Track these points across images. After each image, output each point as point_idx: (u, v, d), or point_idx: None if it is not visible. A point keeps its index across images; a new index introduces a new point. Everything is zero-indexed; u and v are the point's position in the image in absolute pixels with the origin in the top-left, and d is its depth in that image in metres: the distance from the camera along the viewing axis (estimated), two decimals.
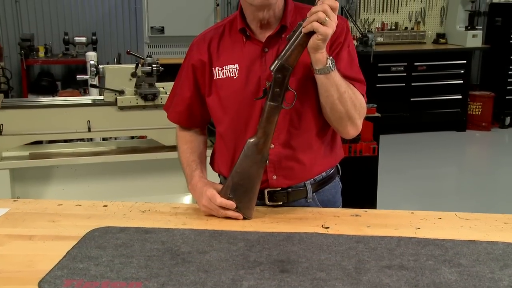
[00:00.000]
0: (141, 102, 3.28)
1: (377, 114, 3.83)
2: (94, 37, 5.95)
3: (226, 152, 1.73)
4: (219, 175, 1.83)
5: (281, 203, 1.70)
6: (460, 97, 6.70)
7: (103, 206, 1.69)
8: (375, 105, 3.81)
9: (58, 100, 3.57)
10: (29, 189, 3.29)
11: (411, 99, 6.58)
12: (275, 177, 1.67)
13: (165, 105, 1.89)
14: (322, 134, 1.69)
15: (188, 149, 1.80)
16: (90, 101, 3.39)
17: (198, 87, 1.75)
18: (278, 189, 1.69)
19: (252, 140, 1.57)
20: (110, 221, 1.56)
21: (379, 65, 6.36)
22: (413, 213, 1.63)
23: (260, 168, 1.59)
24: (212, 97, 1.71)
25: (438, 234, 1.46)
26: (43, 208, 1.66)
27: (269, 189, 1.68)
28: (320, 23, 1.43)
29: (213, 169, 1.83)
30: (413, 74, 6.53)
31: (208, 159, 1.85)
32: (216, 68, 1.69)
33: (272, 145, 1.62)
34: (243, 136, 1.63)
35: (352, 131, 1.62)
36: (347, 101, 1.55)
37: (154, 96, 3.28)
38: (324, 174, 1.74)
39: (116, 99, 3.27)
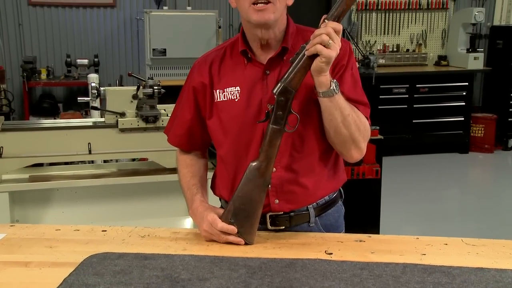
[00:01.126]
0: (142, 124, 3.26)
1: (379, 136, 3.80)
2: (96, 59, 5.97)
3: (227, 176, 1.70)
4: (220, 199, 1.80)
5: (284, 227, 1.66)
6: (463, 119, 6.68)
7: (102, 231, 1.66)
8: (377, 127, 3.79)
9: (58, 122, 3.55)
10: (28, 212, 3.25)
11: (413, 121, 6.56)
12: (277, 201, 1.64)
13: (165, 128, 1.87)
14: (325, 158, 1.66)
15: (189, 172, 1.77)
16: (91, 123, 3.37)
17: (199, 109, 1.73)
18: (280, 213, 1.66)
19: (254, 163, 1.54)
20: (109, 246, 1.53)
21: (381, 87, 6.35)
22: (418, 238, 1.59)
23: (262, 192, 1.56)
24: (213, 119, 1.69)
25: (445, 260, 1.43)
26: (40, 233, 1.63)
27: (271, 214, 1.65)
28: (324, 46, 1.41)
29: (214, 193, 1.80)
30: (415, 96, 6.52)
31: (210, 182, 1.82)
32: (217, 91, 1.67)
33: (274, 169, 1.59)
34: (245, 159, 1.61)
35: (356, 155, 1.60)
36: (351, 124, 1.52)
37: (155, 118, 3.26)
38: (327, 198, 1.71)
39: (117, 121, 3.25)
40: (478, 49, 6.87)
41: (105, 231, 1.66)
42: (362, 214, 3.69)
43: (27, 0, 6.10)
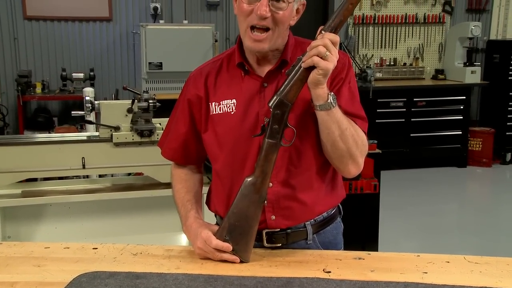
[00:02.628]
0: (137, 138, 3.22)
1: (377, 151, 3.76)
2: (92, 73, 5.94)
3: (223, 191, 1.66)
4: (215, 215, 1.75)
5: (280, 244, 1.62)
6: (460, 133, 6.66)
7: (93, 248, 1.61)
8: (375, 141, 3.75)
9: (52, 136, 3.51)
10: (20, 228, 3.20)
11: (411, 135, 6.54)
12: (273, 217, 1.59)
13: (159, 141, 1.83)
14: (323, 173, 1.62)
15: (183, 188, 1.73)
16: (85, 138, 3.32)
17: (194, 122, 1.69)
18: (277, 230, 1.61)
19: (249, 179, 1.50)
20: (100, 265, 1.48)
21: (379, 100, 6.34)
22: (419, 255, 1.55)
23: (258, 208, 1.51)
24: (208, 133, 1.65)
25: (447, 279, 1.38)
26: (28, 252, 1.58)
27: (267, 230, 1.61)
28: (321, 58, 1.38)
29: (209, 208, 1.76)
30: (412, 109, 6.51)
31: (205, 197, 1.77)
32: (213, 103, 1.63)
33: (271, 184, 1.55)
34: (240, 174, 1.57)
35: (353, 170, 1.55)
36: (349, 138, 1.48)
37: (151, 132, 3.22)
38: (325, 214, 1.67)
39: (111, 135, 3.21)
40: (475, 63, 6.87)
41: (96, 248, 1.60)
42: (361, 229, 3.64)
43: (23, 14, 6.08)
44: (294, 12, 1.55)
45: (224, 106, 1.61)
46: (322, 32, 1.43)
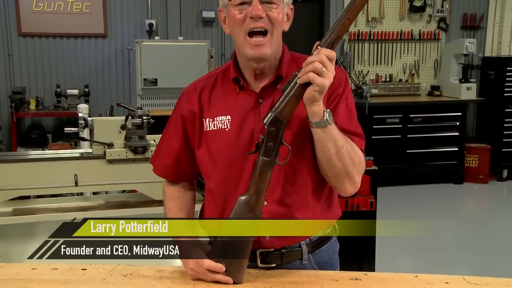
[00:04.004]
0: (130, 155, 3.18)
1: (374, 167, 3.73)
2: (86, 89, 5.91)
3: (216, 210, 1.62)
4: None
5: (275, 265, 1.58)
6: (457, 149, 6.65)
7: (82, 269, 1.56)
8: (372, 158, 3.72)
9: (44, 153, 3.46)
10: (11, 247, 3.14)
11: (407, 151, 6.52)
12: (268, 237, 1.55)
13: (151, 158, 1.79)
14: (319, 191, 1.58)
15: (175, 206, 1.69)
16: (78, 154, 3.28)
17: (187, 139, 1.65)
18: (271, 250, 1.57)
19: (243, 197, 1.46)
20: (88, 287, 1.44)
21: (374, 116, 6.32)
22: (417, 276, 1.51)
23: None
24: (201, 150, 1.62)
25: None
26: (14, 273, 1.53)
27: (261, 250, 1.57)
28: (317, 74, 1.35)
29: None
30: (408, 125, 6.49)
31: (198, 215, 1.74)
32: (207, 120, 1.60)
33: (265, 203, 1.51)
34: (234, 192, 1.53)
35: (350, 189, 1.52)
36: (345, 156, 1.45)
37: (144, 149, 3.19)
38: (320, 233, 1.62)
39: (104, 152, 3.17)
40: (470, 80, 6.88)
41: (85, 269, 1.56)
42: (357, 247, 3.59)
43: (18, 30, 6.06)
44: (285, 17, 1.53)
45: (218, 123, 1.58)
46: (318, 47, 1.41)
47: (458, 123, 6.62)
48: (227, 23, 1.55)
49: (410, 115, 6.48)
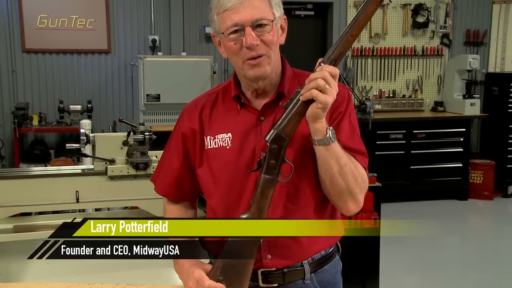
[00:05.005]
0: (132, 171, 3.17)
1: (377, 184, 3.70)
2: (89, 105, 5.92)
3: None
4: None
5: (276, 285, 1.55)
6: (461, 165, 6.61)
7: None
8: (375, 175, 3.69)
9: (45, 170, 3.45)
10: (11, 264, 3.11)
11: (411, 167, 6.49)
12: (269, 256, 1.53)
13: (152, 176, 1.77)
14: (321, 210, 1.56)
15: None
16: (79, 171, 3.27)
17: (188, 157, 1.63)
18: (273, 269, 1.54)
19: (244, 216, 1.44)
20: None
21: (378, 132, 6.30)
22: None
23: (253, 247, 1.45)
24: (202, 168, 1.60)
25: None
26: None
27: (263, 270, 1.54)
28: (320, 91, 1.33)
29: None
30: (412, 141, 6.47)
31: None
32: (208, 137, 1.59)
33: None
34: (235, 211, 1.51)
35: (353, 208, 1.50)
36: (348, 174, 1.43)
37: (146, 165, 3.17)
38: (323, 252, 1.60)
39: (106, 168, 3.15)
40: (474, 95, 6.86)
41: None
42: (361, 265, 3.55)
43: (21, 46, 6.08)
44: (280, 31, 1.52)
45: (219, 140, 1.56)
46: (321, 64, 1.39)
47: (462, 139, 6.59)
48: (223, 48, 1.53)
49: (414, 131, 6.46)
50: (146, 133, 3.21)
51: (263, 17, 1.45)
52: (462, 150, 6.59)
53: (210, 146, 1.58)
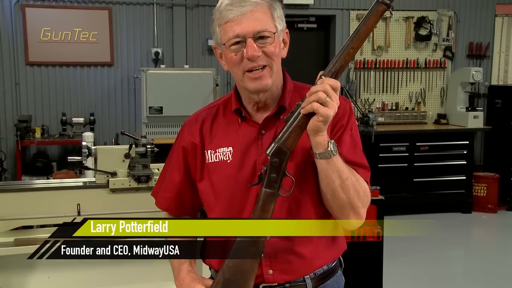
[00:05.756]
0: (134, 184, 3.16)
1: (380, 197, 3.68)
2: (92, 117, 5.92)
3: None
4: (210, 268, 1.66)
5: None
6: (464, 178, 6.57)
7: None
8: (378, 188, 3.67)
9: (46, 183, 3.44)
10: (12, 278, 3.10)
11: (414, 180, 6.46)
12: (271, 271, 1.51)
13: (153, 190, 1.76)
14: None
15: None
16: (81, 184, 3.26)
17: (188, 171, 1.62)
18: (274, 285, 1.53)
19: None
20: None
21: (381, 145, 6.28)
22: None
23: (254, 262, 1.44)
24: (203, 182, 1.59)
25: None
26: None
27: (264, 285, 1.52)
28: (321, 104, 1.32)
29: (204, 261, 1.67)
30: (415, 154, 6.44)
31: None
32: (209, 151, 1.58)
33: (268, 236, 1.47)
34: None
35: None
36: (350, 188, 1.41)
37: (148, 178, 3.16)
38: (325, 267, 1.58)
39: (108, 181, 3.14)
40: (477, 108, 6.85)
41: None
42: (363, 279, 3.52)
43: (25, 59, 6.10)
44: (282, 44, 1.52)
45: (220, 154, 1.55)
46: (322, 77, 1.38)
47: (465, 152, 6.56)
48: (224, 60, 1.53)
49: (417, 144, 6.44)
50: (148, 146, 3.20)
51: (265, 29, 1.45)
52: (465, 162, 6.56)
53: (211, 160, 1.57)
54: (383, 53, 6.94)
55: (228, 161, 1.54)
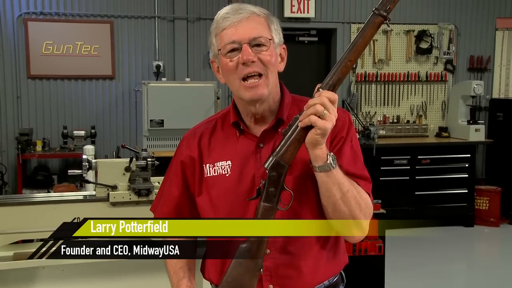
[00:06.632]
0: (134, 198, 3.14)
1: (382, 210, 3.66)
2: (93, 130, 5.93)
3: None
4: (211, 284, 1.65)
5: None
6: (466, 191, 6.55)
7: None
8: (379, 201, 3.66)
9: (46, 196, 3.42)
10: None
11: (416, 193, 6.43)
12: (271, 286, 1.50)
13: (152, 205, 1.74)
14: (324, 238, 1.52)
15: None
16: (81, 197, 3.24)
17: (187, 185, 1.62)
18: None
19: (244, 245, 1.41)
20: None
21: (382, 158, 6.27)
22: None
23: (254, 277, 1.42)
24: (202, 196, 1.58)
25: None
26: None
27: None
28: (318, 117, 1.31)
29: (203, 276, 1.66)
30: (417, 167, 6.42)
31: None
32: (207, 165, 1.57)
33: (268, 251, 1.46)
34: (236, 240, 1.47)
35: (357, 235, 1.48)
36: (351, 201, 1.40)
37: (148, 191, 3.15)
38: (326, 282, 1.56)
39: (108, 194, 3.13)
40: (479, 121, 6.84)
41: None
42: None
43: (27, 73, 6.11)
44: (279, 57, 1.51)
45: (218, 168, 1.54)
46: (320, 89, 1.37)
47: (467, 165, 6.54)
48: (220, 73, 1.53)
49: (418, 157, 6.43)
50: (148, 159, 3.19)
51: (260, 35, 1.45)
52: (467, 176, 6.54)
53: (210, 174, 1.56)
54: (384, 66, 6.95)
55: (227, 175, 1.53)
